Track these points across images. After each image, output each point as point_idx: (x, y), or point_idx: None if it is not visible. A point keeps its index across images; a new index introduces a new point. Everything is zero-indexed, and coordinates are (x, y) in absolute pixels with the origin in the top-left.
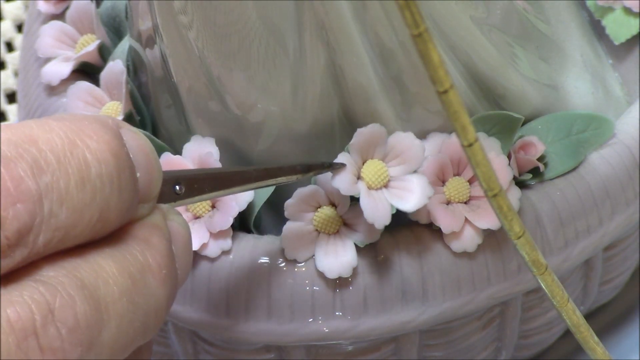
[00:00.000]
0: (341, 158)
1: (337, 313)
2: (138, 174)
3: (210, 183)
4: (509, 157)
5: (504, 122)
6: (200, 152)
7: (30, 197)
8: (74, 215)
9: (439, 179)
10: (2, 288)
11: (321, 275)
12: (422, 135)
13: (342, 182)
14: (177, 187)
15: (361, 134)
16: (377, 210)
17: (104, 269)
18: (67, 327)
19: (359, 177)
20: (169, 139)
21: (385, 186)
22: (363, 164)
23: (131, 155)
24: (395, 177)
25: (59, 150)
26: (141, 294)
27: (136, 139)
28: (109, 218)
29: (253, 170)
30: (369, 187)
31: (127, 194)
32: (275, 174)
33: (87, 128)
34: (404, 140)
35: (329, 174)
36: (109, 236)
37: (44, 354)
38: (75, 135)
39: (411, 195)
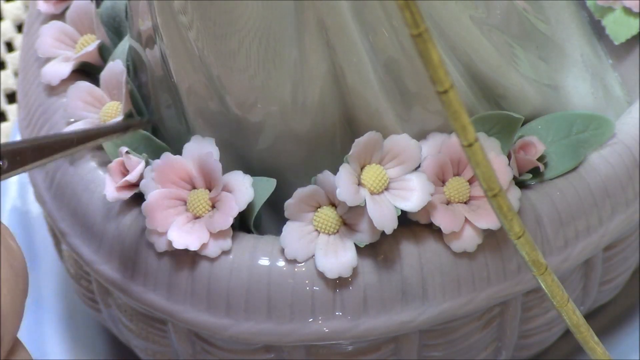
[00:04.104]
0: (342, 169)
1: (337, 313)
2: None
3: (32, 154)
4: (509, 157)
5: (504, 122)
6: (200, 152)
7: None
8: None
9: (439, 179)
10: None
11: (321, 275)
12: (422, 135)
13: (346, 194)
14: (0, 163)
15: (359, 144)
16: (383, 215)
17: None
18: None
19: (359, 184)
20: (169, 139)
21: (387, 189)
22: (362, 170)
23: None
24: (394, 179)
25: None
26: (13, 257)
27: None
28: None
29: (74, 134)
30: (372, 193)
31: None
32: (95, 135)
33: None
34: (400, 141)
35: (329, 174)
36: None
37: None
38: None
39: (413, 194)
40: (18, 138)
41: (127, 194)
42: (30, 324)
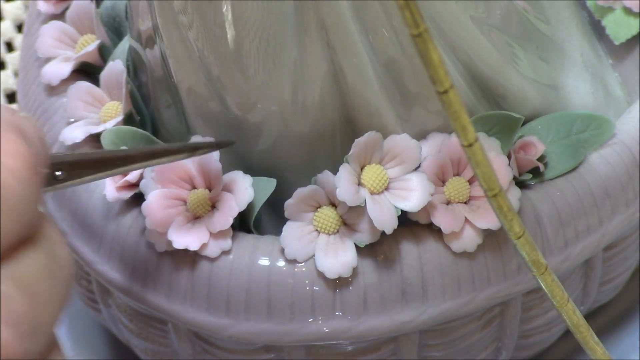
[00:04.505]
0: (342, 169)
1: (337, 313)
2: (40, 168)
3: (91, 167)
4: (509, 157)
5: (504, 122)
6: None
7: None
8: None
9: (439, 179)
10: None
11: (321, 275)
12: (422, 135)
13: (346, 194)
14: (59, 173)
15: (359, 144)
16: (383, 215)
17: (26, 254)
18: (10, 325)
19: (359, 184)
20: (169, 139)
21: (387, 189)
22: (362, 170)
23: (32, 144)
24: (394, 179)
25: None
26: (58, 266)
27: (32, 127)
28: (29, 223)
29: (137, 151)
30: (372, 192)
31: (39, 194)
32: (161, 154)
33: (5, 144)
34: (400, 142)
35: (329, 174)
36: None
37: None
38: None
39: (413, 194)
40: None
41: (127, 194)
42: None
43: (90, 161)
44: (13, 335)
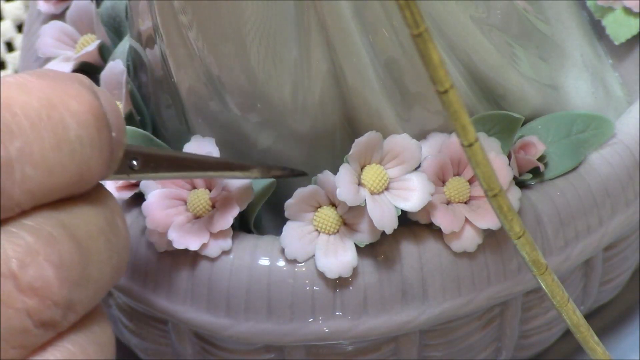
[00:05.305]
0: (342, 169)
1: (337, 313)
2: (113, 134)
3: (166, 164)
4: (509, 157)
5: (504, 122)
6: (200, 152)
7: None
8: (51, 177)
9: (439, 179)
10: None
11: (321, 275)
12: (422, 135)
13: (346, 194)
14: (134, 162)
15: (359, 144)
16: (383, 215)
17: (82, 211)
18: (53, 265)
19: (359, 183)
20: (169, 139)
21: (387, 189)
22: (362, 170)
23: (101, 102)
24: (395, 179)
25: (35, 113)
26: (114, 233)
27: (109, 100)
28: (89, 176)
29: (213, 160)
30: (372, 192)
31: (106, 153)
32: (236, 168)
33: (69, 88)
34: (400, 142)
35: (329, 174)
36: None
37: (26, 295)
38: (55, 97)
39: (413, 194)
40: None
41: (127, 194)
42: None
43: (166, 157)
44: (55, 275)
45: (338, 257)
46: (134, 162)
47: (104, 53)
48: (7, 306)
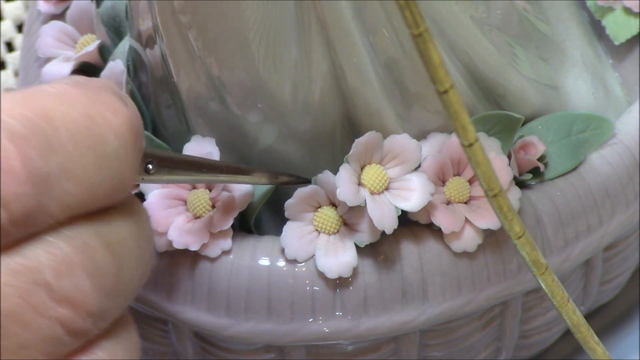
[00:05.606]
0: (342, 169)
1: (337, 313)
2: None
3: (179, 166)
4: (509, 157)
5: (504, 122)
6: (200, 152)
7: (38, 178)
8: (88, 192)
9: (439, 179)
10: (12, 247)
11: (321, 275)
12: (422, 135)
13: (346, 194)
14: (150, 166)
15: (359, 144)
16: (383, 215)
17: (116, 220)
18: (89, 275)
19: (359, 184)
20: (169, 139)
21: (387, 189)
22: (362, 170)
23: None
24: (395, 179)
25: (76, 128)
26: (145, 240)
27: (132, 105)
28: (123, 187)
29: (223, 164)
30: (372, 192)
31: (137, 162)
32: (245, 172)
33: (104, 98)
34: (400, 142)
35: (329, 174)
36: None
37: (60, 304)
38: (93, 109)
39: (413, 194)
40: None
41: None
42: None
43: (179, 160)
44: (90, 286)
45: (338, 257)
46: (149, 166)
47: (104, 53)
48: (40, 315)
